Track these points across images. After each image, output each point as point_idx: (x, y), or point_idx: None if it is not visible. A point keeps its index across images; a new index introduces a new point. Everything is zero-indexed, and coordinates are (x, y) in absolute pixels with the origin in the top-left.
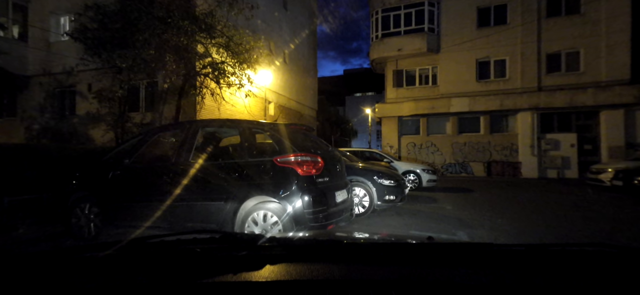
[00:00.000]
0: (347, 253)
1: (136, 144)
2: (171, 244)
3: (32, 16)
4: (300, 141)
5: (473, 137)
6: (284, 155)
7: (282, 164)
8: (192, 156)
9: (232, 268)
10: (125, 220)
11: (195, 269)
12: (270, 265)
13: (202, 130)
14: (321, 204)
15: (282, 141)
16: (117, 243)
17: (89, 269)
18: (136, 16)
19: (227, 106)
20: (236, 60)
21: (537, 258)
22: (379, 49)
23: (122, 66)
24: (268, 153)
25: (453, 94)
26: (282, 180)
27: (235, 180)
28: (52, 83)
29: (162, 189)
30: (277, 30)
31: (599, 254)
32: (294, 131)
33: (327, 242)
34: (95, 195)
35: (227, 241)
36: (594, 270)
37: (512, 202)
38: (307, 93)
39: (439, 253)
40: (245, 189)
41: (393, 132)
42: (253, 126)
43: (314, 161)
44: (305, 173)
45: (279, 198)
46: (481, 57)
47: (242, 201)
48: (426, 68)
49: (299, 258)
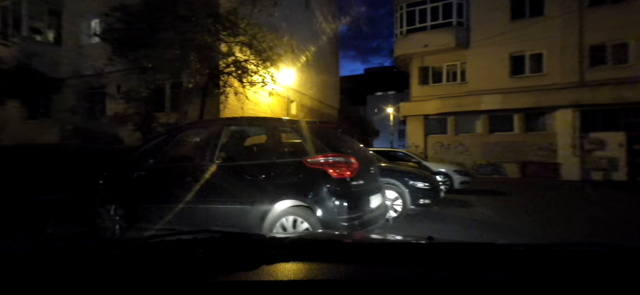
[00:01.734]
0: (348, 253)
1: (160, 144)
2: (171, 244)
3: (66, 20)
4: (332, 141)
5: (506, 136)
6: (315, 156)
7: (313, 165)
8: (216, 156)
9: (232, 268)
10: (150, 222)
11: (195, 269)
12: (271, 265)
13: (227, 129)
14: (356, 209)
15: (312, 141)
16: (117, 243)
17: (88, 269)
18: (160, 15)
19: (250, 105)
20: (259, 58)
21: (537, 258)
22: (404, 46)
23: (147, 66)
24: (297, 153)
25: (484, 91)
26: (312, 183)
27: (262, 182)
28: (83, 85)
29: (186, 191)
30: (299, 28)
31: (599, 254)
32: (324, 130)
33: (328, 242)
34: (120, 196)
35: (228, 241)
36: (593, 271)
37: (558, 207)
38: (329, 92)
39: (439, 253)
40: (273, 192)
41: (419, 132)
42: (280, 125)
43: (347, 163)
44: (338, 175)
45: (309, 202)
46: (515, 52)
47: (270, 205)
48: (454, 64)
49: (300, 258)
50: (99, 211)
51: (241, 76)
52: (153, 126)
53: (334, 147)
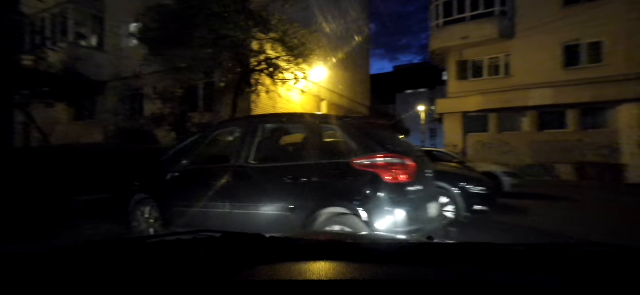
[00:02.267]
0: (349, 253)
1: (194, 144)
2: (171, 244)
3: (107, 25)
4: (383, 139)
5: (558, 134)
6: (365, 156)
7: (363, 167)
8: (252, 157)
9: (233, 268)
10: (183, 226)
11: (195, 269)
12: (271, 265)
13: (263, 127)
14: (415, 220)
15: (361, 139)
16: (118, 243)
17: (88, 269)
18: (193, 13)
19: (282, 103)
20: (291, 54)
21: (537, 258)
22: (441, 39)
23: (181, 66)
24: (342, 154)
25: (531, 85)
26: (362, 189)
27: (302, 186)
28: (124, 87)
29: (220, 194)
30: (330, 24)
31: (599, 255)
32: (372, 127)
33: (329, 242)
34: (155, 198)
35: (228, 241)
36: (594, 271)
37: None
38: (359, 89)
39: (439, 253)
40: (316, 198)
41: (457, 130)
42: (322, 121)
43: (403, 164)
44: (393, 180)
45: (358, 211)
46: (568, 41)
47: (312, 212)
48: (497, 57)
49: (301, 258)
50: (135, 213)
51: (273, 74)
52: (187, 126)
53: (386, 147)
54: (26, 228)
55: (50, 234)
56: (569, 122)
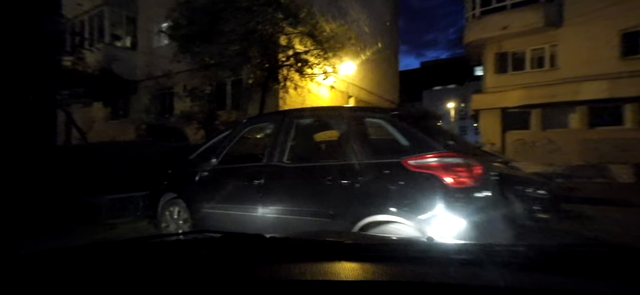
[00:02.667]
0: (349, 253)
1: (224, 141)
2: (172, 244)
3: (140, 26)
4: (441, 135)
5: (613, 131)
6: (421, 155)
7: (418, 168)
8: (286, 156)
9: (233, 269)
10: (213, 229)
11: (195, 269)
12: (272, 265)
13: (299, 122)
14: (483, 232)
15: (415, 134)
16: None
17: (88, 269)
18: (222, 7)
19: (310, 98)
20: (320, 49)
21: (537, 259)
22: (477, 30)
23: (210, 63)
24: (391, 152)
25: (583, 77)
26: (418, 194)
27: (344, 189)
28: (155, 86)
29: (252, 196)
30: (357, 20)
31: (600, 255)
32: (426, 120)
33: (329, 243)
34: (183, 199)
35: (229, 241)
36: (593, 270)
37: None
38: (388, 85)
39: (439, 253)
40: (360, 202)
41: (495, 127)
42: (366, 114)
43: (468, 165)
44: (456, 184)
45: (414, 221)
46: (627, 28)
47: (355, 220)
48: (541, 47)
49: (301, 258)
50: (163, 214)
51: (301, 69)
52: (215, 124)
53: (446, 144)
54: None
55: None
56: (627, 118)
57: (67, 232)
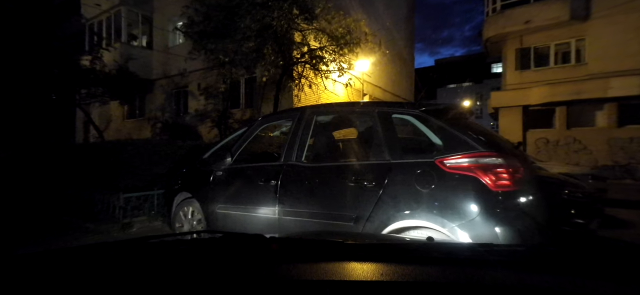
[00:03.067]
0: (349, 253)
1: (239, 139)
2: (172, 244)
3: (156, 26)
4: (478, 132)
5: None
6: (457, 155)
7: (454, 168)
8: (305, 155)
9: (234, 269)
10: (228, 230)
11: (196, 269)
12: (273, 265)
13: (318, 119)
14: (524, 239)
15: (448, 131)
16: (119, 243)
17: (88, 269)
18: (237, 3)
19: (326, 95)
20: (335, 44)
21: (537, 258)
22: (498, 25)
23: (225, 60)
24: (422, 151)
25: (612, 72)
26: (453, 197)
27: (369, 191)
28: (170, 85)
29: (269, 197)
30: (373, 16)
31: (599, 254)
32: (461, 116)
33: (330, 243)
34: (198, 199)
35: (229, 242)
36: (593, 270)
37: None
38: (403, 83)
39: (439, 253)
40: (387, 206)
41: (516, 126)
42: (393, 109)
43: (509, 166)
44: (496, 186)
45: (449, 227)
46: None
47: (382, 225)
48: (566, 42)
49: (302, 259)
50: (178, 214)
51: (316, 65)
52: (229, 122)
53: (483, 142)
54: (76, 222)
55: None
56: None
57: (82, 230)
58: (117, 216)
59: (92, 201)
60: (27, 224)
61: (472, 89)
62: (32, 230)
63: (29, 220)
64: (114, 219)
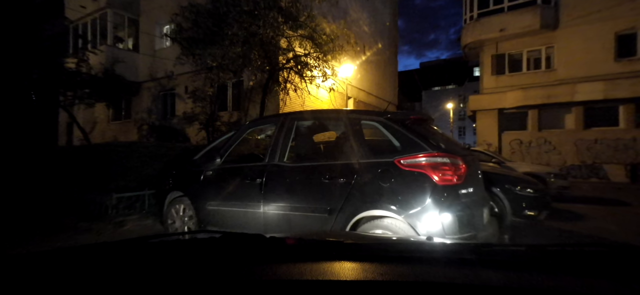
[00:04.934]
0: (348, 253)
1: (227, 142)
2: (171, 244)
3: (142, 28)
4: (430, 136)
5: (608, 132)
6: (411, 155)
7: (409, 167)
8: (287, 156)
9: (233, 268)
10: (217, 225)
11: (195, 269)
12: (272, 265)
13: (298, 124)
14: (469, 226)
15: (405, 136)
16: (119, 243)
17: (88, 269)
18: (225, 11)
19: (310, 100)
20: (319, 51)
21: (536, 258)
22: (475, 32)
23: (213, 65)
24: (384, 152)
25: (578, 78)
26: (408, 190)
27: (341, 187)
28: (157, 87)
29: (255, 194)
30: (357, 21)
31: (599, 254)
32: (419, 123)
33: (328, 243)
34: (189, 197)
35: (228, 241)
36: (593, 270)
37: None
38: (387, 87)
39: (439, 253)
40: (355, 199)
41: (492, 128)
42: (362, 116)
43: (454, 164)
44: (443, 181)
45: (405, 215)
46: (623, 29)
47: (351, 215)
48: (537, 49)
49: (300, 258)
50: (170, 211)
51: (301, 71)
52: (217, 125)
53: (433, 144)
54: (69, 222)
55: (88, 228)
56: (622, 119)
57: (76, 230)
58: (110, 215)
59: (84, 201)
60: (19, 224)
61: (455, 92)
62: (25, 230)
63: (21, 221)
64: (107, 218)
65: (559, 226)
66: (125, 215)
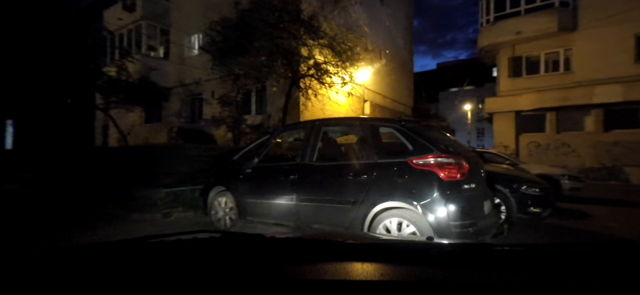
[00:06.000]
0: (348, 253)
1: (263, 144)
2: (172, 244)
3: (172, 38)
4: (438, 140)
5: (628, 134)
6: (421, 156)
7: (419, 166)
8: (316, 156)
9: (233, 268)
10: (255, 215)
11: (196, 268)
12: (272, 265)
13: (325, 129)
14: (470, 215)
15: (417, 140)
16: (119, 243)
17: (88, 269)
18: (254, 25)
19: (330, 104)
20: (338, 59)
21: (536, 258)
22: (491, 35)
23: (240, 73)
24: (399, 153)
25: (597, 80)
26: (419, 185)
27: (363, 182)
28: (185, 92)
29: (288, 189)
30: (373, 26)
31: (598, 254)
32: (428, 129)
33: (328, 243)
34: (230, 191)
35: (228, 241)
36: (593, 270)
37: None
38: (402, 89)
39: (439, 253)
40: (375, 192)
41: (508, 130)
42: (380, 123)
43: (458, 164)
44: (448, 178)
45: (416, 206)
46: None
47: (372, 206)
48: (555, 51)
49: (301, 258)
50: (213, 203)
51: (321, 78)
52: (242, 127)
53: (440, 147)
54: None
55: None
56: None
57: (128, 220)
58: (158, 207)
59: (133, 196)
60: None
61: (473, 93)
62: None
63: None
64: (156, 209)
65: (564, 224)
66: (170, 208)
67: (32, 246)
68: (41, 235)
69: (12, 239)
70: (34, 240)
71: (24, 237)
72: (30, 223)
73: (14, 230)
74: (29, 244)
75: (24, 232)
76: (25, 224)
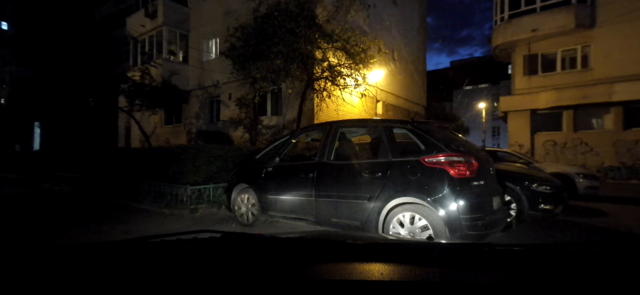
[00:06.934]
0: (347, 253)
1: (284, 144)
2: (172, 244)
3: (191, 43)
4: (449, 140)
5: None
6: (433, 155)
7: (431, 164)
8: (333, 155)
9: (233, 268)
10: (277, 210)
11: (196, 268)
12: (272, 265)
13: (342, 130)
14: (479, 210)
15: (428, 140)
16: (119, 243)
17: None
18: (272, 31)
19: (344, 105)
20: (352, 61)
21: (536, 258)
22: (506, 33)
23: (257, 76)
24: (412, 152)
25: (617, 77)
26: (431, 182)
27: (378, 179)
28: (204, 95)
29: (308, 185)
30: (386, 27)
31: (598, 254)
32: (439, 129)
33: (328, 243)
34: (253, 188)
35: (229, 241)
36: (592, 270)
37: None
38: (415, 88)
39: (439, 252)
40: (390, 189)
41: (524, 129)
42: (394, 124)
43: (467, 162)
44: (458, 175)
45: (429, 201)
46: None
47: (386, 201)
48: (572, 48)
49: (301, 258)
50: (237, 199)
51: (335, 79)
52: (259, 128)
53: (452, 147)
54: (154, 207)
55: (171, 214)
56: None
57: (159, 215)
58: (185, 203)
59: (161, 193)
60: (113, 210)
61: (488, 91)
62: (119, 214)
63: (114, 208)
64: (183, 206)
65: (576, 220)
66: (196, 204)
67: (66, 241)
68: (80, 230)
69: (51, 232)
70: (68, 235)
71: (62, 232)
72: (71, 219)
73: (53, 225)
74: (63, 238)
75: (63, 227)
76: (65, 220)
